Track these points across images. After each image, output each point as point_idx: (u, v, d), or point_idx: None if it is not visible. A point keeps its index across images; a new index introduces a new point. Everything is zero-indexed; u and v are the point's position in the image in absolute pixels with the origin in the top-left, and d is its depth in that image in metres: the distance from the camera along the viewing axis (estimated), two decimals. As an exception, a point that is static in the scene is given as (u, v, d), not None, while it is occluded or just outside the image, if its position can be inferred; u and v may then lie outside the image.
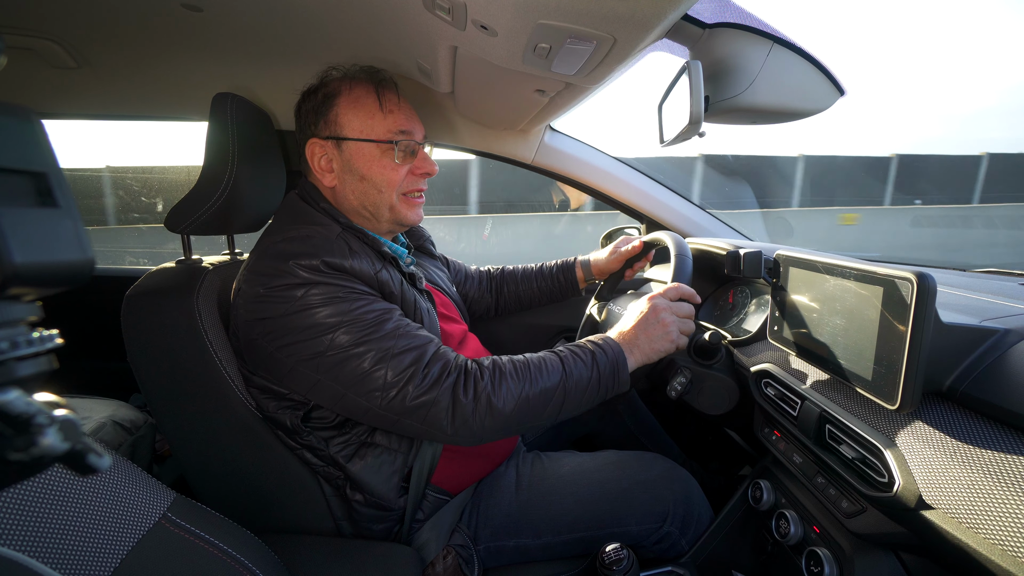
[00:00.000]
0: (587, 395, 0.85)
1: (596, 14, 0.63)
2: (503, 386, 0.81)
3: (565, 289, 1.42)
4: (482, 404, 0.79)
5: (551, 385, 0.83)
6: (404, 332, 0.82)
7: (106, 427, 1.25)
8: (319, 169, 0.94)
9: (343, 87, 0.93)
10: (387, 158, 0.93)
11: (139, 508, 0.60)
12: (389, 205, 0.95)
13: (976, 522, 0.49)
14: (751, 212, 4.84)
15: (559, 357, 0.86)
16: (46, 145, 0.27)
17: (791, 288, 0.80)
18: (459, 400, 0.79)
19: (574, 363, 0.85)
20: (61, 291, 0.27)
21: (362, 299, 0.82)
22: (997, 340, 0.60)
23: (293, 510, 0.94)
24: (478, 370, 0.83)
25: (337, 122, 0.92)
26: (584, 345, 0.89)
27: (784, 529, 0.85)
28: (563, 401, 0.84)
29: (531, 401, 0.82)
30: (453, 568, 0.90)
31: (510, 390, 0.81)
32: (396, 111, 0.94)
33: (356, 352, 0.78)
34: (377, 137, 0.92)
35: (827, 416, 0.72)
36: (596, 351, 0.87)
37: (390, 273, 0.90)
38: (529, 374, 0.83)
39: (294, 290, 0.79)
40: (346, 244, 0.87)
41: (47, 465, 0.25)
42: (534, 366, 0.84)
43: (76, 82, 1.29)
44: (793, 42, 0.78)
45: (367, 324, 0.80)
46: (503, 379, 0.82)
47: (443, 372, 0.81)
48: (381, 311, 0.83)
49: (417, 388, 0.78)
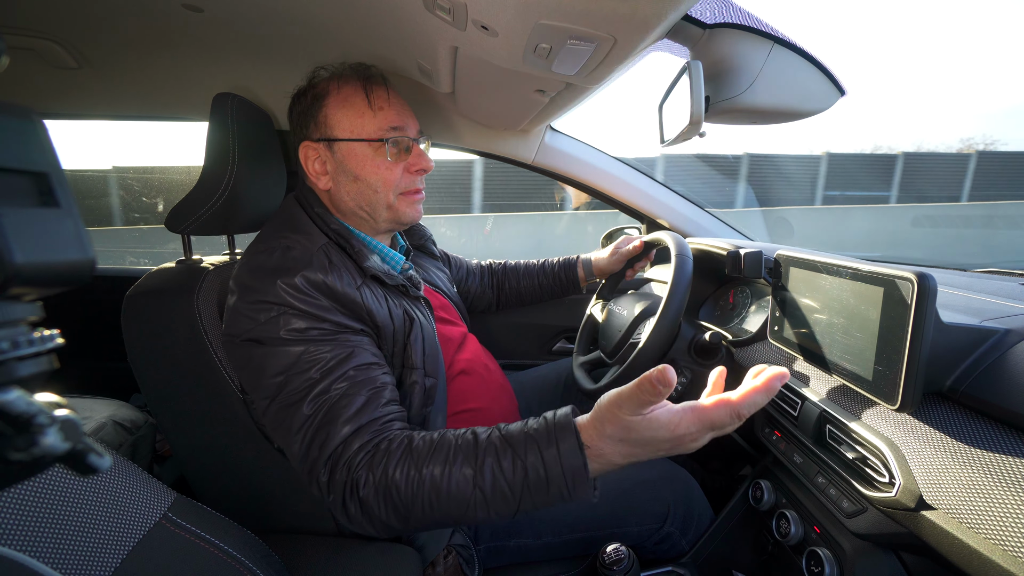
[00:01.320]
0: (520, 509, 0.63)
1: (596, 14, 0.63)
2: (388, 500, 0.66)
3: (566, 287, 1.42)
4: (365, 518, 0.68)
5: (454, 501, 0.64)
6: (342, 395, 0.74)
7: (107, 427, 1.26)
8: (313, 172, 0.93)
9: (331, 87, 0.91)
10: (380, 157, 0.91)
11: (140, 508, 0.60)
12: (387, 204, 0.93)
13: (977, 522, 0.49)
14: (750, 212, 4.85)
15: (474, 464, 0.64)
16: (47, 145, 0.27)
17: (792, 288, 0.80)
18: (347, 507, 0.69)
19: (492, 473, 0.63)
20: (62, 291, 0.27)
21: (325, 343, 0.76)
22: (998, 340, 0.60)
23: (294, 510, 0.94)
24: (362, 478, 0.68)
25: (327, 123, 0.91)
26: (522, 445, 0.63)
27: (785, 529, 0.85)
28: (475, 518, 0.65)
29: (426, 519, 0.66)
30: (454, 568, 0.90)
31: (395, 510, 0.66)
32: (386, 107, 0.92)
33: (291, 412, 0.73)
34: (368, 136, 0.90)
35: (827, 416, 0.72)
36: (533, 458, 0.62)
37: (372, 289, 0.86)
38: (423, 491, 0.65)
39: (260, 312, 0.76)
40: (326, 257, 0.82)
41: (48, 465, 0.25)
42: (431, 482, 0.64)
43: (77, 82, 1.29)
44: (794, 42, 0.78)
45: (311, 380, 0.74)
46: (388, 497, 0.66)
47: (338, 465, 0.70)
48: (337, 361, 0.75)
49: (315, 477, 0.72)
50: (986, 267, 1.12)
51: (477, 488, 0.63)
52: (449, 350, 1.08)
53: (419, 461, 0.66)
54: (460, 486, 0.63)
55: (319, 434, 0.72)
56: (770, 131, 17.40)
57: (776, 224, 5.09)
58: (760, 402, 0.59)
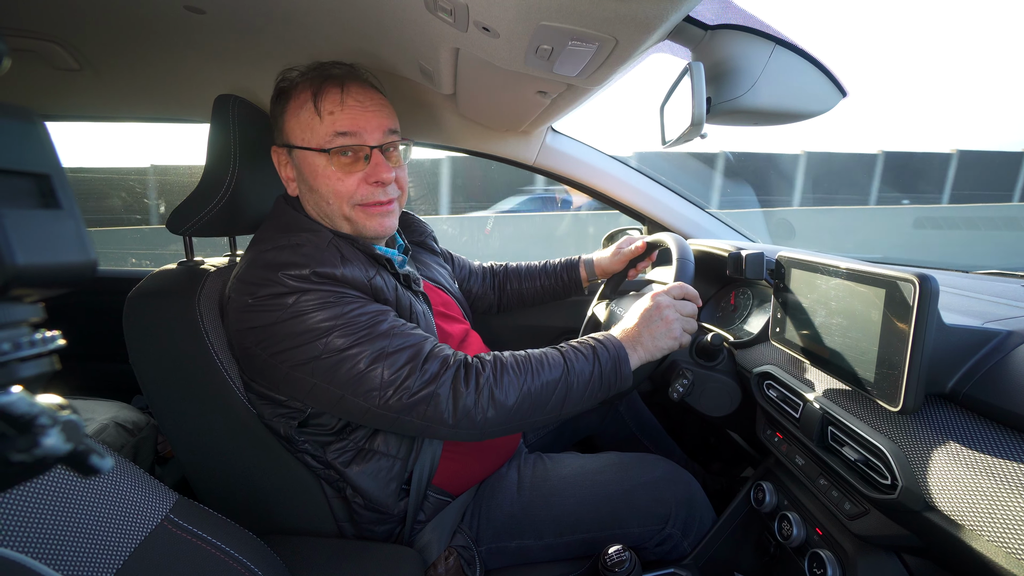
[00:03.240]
0: (589, 390, 0.84)
1: (598, 16, 0.63)
2: (505, 378, 0.80)
3: (568, 287, 1.42)
4: (484, 396, 0.79)
5: (553, 379, 0.82)
6: (399, 332, 0.81)
7: (108, 428, 1.26)
8: (285, 178, 0.92)
9: (292, 91, 0.88)
10: (331, 167, 0.85)
11: (141, 510, 0.60)
12: (342, 215, 0.89)
13: (979, 524, 0.49)
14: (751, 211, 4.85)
15: (560, 352, 0.86)
16: (49, 146, 0.27)
17: (793, 289, 0.80)
18: (460, 392, 0.78)
19: (575, 358, 0.85)
20: (64, 292, 0.27)
21: (354, 302, 0.81)
22: (1000, 342, 0.59)
23: (295, 511, 0.94)
24: (479, 363, 0.82)
25: (284, 129, 0.88)
26: (586, 341, 0.88)
27: (787, 531, 0.84)
28: (565, 395, 0.83)
29: (533, 394, 0.81)
30: (455, 569, 0.90)
31: (512, 382, 0.80)
32: (337, 112, 0.84)
33: (351, 354, 0.77)
34: (316, 144, 0.85)
35: (829, 418, 0.72)
36: (597, 347, 0.86)
37: (384, 279, 0.88)
38: (531, 367, 0.83)
39: (284, 298, 0.78)
40: (338, 251, 0.83)
41: (49, 466, 0.25)
42: (536, 360, 0.84)
43: (78, 84, 1.29)
44: (795, 43, 0.78)
45: (361, 326, 0.79)
46: (504, 372, 0.81)
47: (442, 367, 0.80)
48: (375, 312, 0.82)
49: (416, 383, 0.77)
50: (988, 269, 1.12)
51: (568, 363, 0.84)
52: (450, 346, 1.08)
53: (522, 355, 0.85)
54: (556, 367, 0.83)
55: (404, 352, 0.79)
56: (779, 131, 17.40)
57: (778, 226, 5.09)
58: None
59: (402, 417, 0.79)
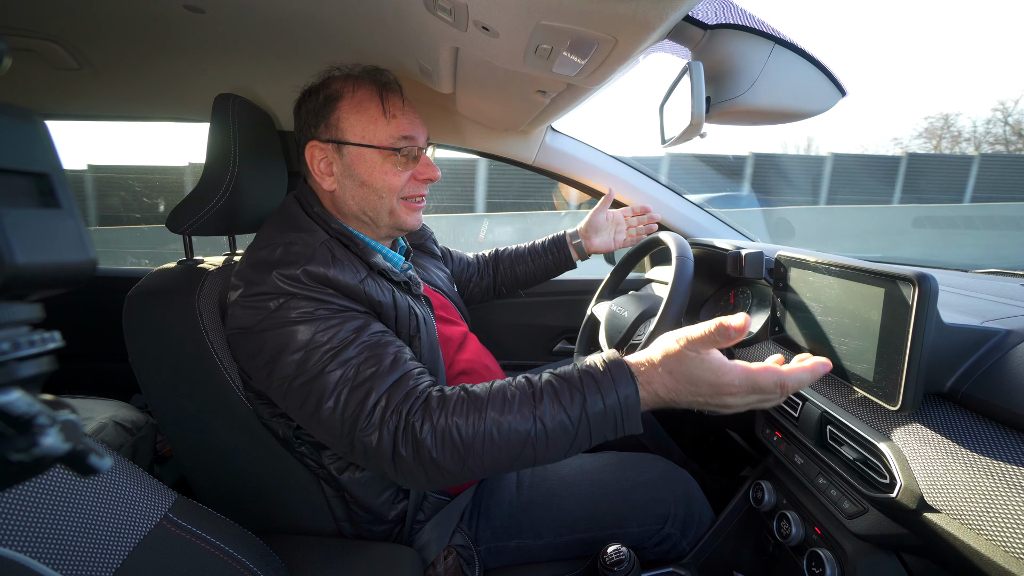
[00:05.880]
0: (575, 444, 0.68)
1: (597, 15, 0.63)
2: (447, 443, 0.68)
3: (560, 262, 1.45)
4: (417, 463, 0.69)
5: (515, 438, 0.67)
6: (368, 357, 0.76)
7: (107, 428, 1.26)
8: (318, 172, 0.92)
9: (346, 90, 0.91)
10: (389, 164, 0.91)
11: (140, 509, 0.60)
12: (389, 210, 0.93)
13: (978, 523, 0.49)
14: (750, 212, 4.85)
15: (532, 401, 0.68)
16: (49, 146, 0.27)
17: (792, 289, 0.80)
18: (399, 452, 0.70)
19: (552, 408, 0.66)
20: (63, 291, 0.27)
21: (335, 318, 0.78)
22: (998, 341, 0.59)
23: (294, 511, 0.94)
24: (419, 422, 0.70)
25: (339, 126, 0.90)
26: (577, 380, 0.68)
27: (785, 530, 0.84)
28: (533, 456, 0.68)
29: (486, 464, 0.68)
30: (454, 569, 0.90)
31: (454, 452, 0.68)
32: (400, 116, 0.91)
33: (318, 380, 0.74)
34: (380, 144, 0.90)
35: (828, 417, 0.72)
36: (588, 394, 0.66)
37: (377, 282, 0.87)
38: (483, 428, 0.67)
39: (268, 301, 0.77)
40: (329, 252, 0.83)
41: (48, 466, 0.25)
42: (492, 420, 0.68)
43: (78, 83, 1.29)
44: (794, 43, 0.78)
45: (332, 349, 0.75)
46: (447, 438, 0.68)
47: (385, 414, 0.71)
48: (352, 332, 0.77)
49: (361, 426, 0.72)
50: (987, 268, 1.12)
51: (538, 421, 0.66)
52: (449, 350, 1.08)
53: (479, 404, 0.69)
54: (521, 422, 0.66)
55: (357, 391, 0.73)
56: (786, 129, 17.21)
57: (777, 225, 5.09)
58: (806, 380, 0.63)
59: (355, 455, 0.74)
